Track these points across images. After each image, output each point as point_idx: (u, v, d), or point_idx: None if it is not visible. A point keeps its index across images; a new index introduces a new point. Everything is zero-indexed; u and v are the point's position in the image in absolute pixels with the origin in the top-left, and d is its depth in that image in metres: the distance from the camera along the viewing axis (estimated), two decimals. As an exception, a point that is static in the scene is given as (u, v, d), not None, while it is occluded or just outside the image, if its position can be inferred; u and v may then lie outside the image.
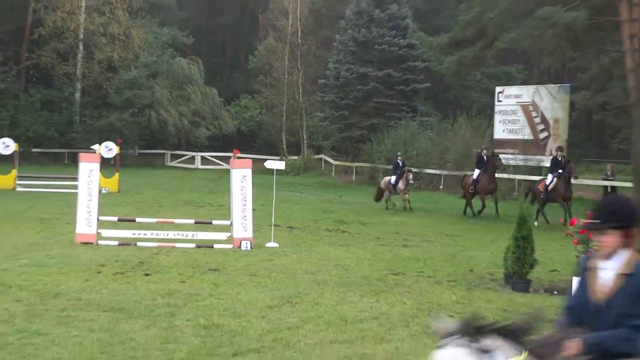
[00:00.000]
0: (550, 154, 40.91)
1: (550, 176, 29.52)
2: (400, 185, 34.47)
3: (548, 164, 40.63)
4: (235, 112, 68.31)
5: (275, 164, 25.52)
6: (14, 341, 11.26)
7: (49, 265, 17.70)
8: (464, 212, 33.16)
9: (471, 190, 33.10)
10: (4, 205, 30.70)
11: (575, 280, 16.09)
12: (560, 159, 29.83)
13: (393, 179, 35.06)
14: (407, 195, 34.69)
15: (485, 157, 33.82)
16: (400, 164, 35.97)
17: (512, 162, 42.06)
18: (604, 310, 5.45)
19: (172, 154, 66.67)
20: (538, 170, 40.99)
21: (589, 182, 40.90)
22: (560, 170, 29.23)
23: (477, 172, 33.34)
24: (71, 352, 10.81)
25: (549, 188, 28.92)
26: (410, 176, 35.09)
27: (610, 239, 5.45)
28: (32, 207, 30.42)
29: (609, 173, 39.19)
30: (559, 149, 33.18)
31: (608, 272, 5.52)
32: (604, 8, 37.06)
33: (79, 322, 12.51)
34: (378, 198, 36.06)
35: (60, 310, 13.39)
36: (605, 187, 38.05)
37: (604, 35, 39.70)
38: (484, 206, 32.56)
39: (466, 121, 48.02)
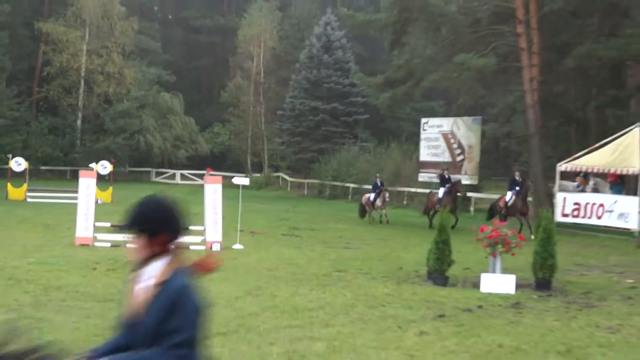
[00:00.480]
0: (465, 173, 41.25)
1: (509, 194, 27.58)
2: (378, 202, 32.37)
3: (464, 181, 40.94)
4: (209, 137, 68.27)
5: (241, 180, 25.39)
6: (22, 327, 11.04)
7: (52, 263, 17.58)
8: (430, 226, 29.88)
9: (438, 208, 29.93)
10: (15, 213, 30.45)
11: (484, 277, 16.14)
12: (518, 178, 27.98)
13: (372, 196, 33.02)
14: (384, 211, 32.83)
15: (447, 176, 32.20)
16: (379, 183, 33.74)
17: (434, 180, 42.23)
18: (142, 324, 4.14)
19: (156, 172, 66.50)
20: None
21: (495, 196, 41.09)
22: (517, 188, 27.49)
23: (442, 190, 30.90)
24: (70, 336, 10.66)
25: (509, 204, 27.24)
26: (387, 194, 33.17)
27: (137, 244, 4.27)
28: (39, 214, 30.14)
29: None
30: (517, 169, 31.05)
31: (145, 282, 4.26)
32: (509, 55, 37.52)
33: (77, 311, 12.42)
34: (362, 215, 33.77)
35: (61, 300, 13.30)
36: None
37: (508, 77, 40.15)
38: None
39: (397, 146, 48.21)
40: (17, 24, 62.28)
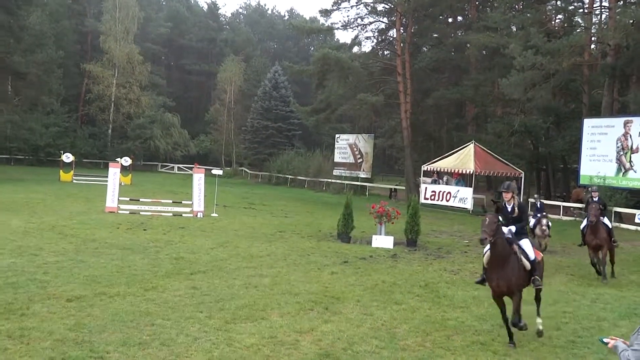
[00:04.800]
0: (363, 170, 41.43)
1: (585, 221, 19.93)
2: (537, 231, 15.82)
3: (362, 175, 41.11)
4: (197, 143, 66.85)
5: (217, 171, 25.03)
6: (67, 265, 10.91)
7: (89, 223, 17.11)
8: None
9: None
10: (66, 190, 29.48)
11: (374, 238, 16.01)
12: (594, 199, 21.81)
13: (532, 222, 16.12)
14: (546, 240, 15.94)
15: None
16: (539, 204, 17.41)
17: (344, 174, 42.31)
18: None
19: (161, 165, 64.89)
20: (357, 178, 41.25)
21: (382, 186, 41.48)
22: (588, 210, 20.07)
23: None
24: (99, 272, 10.47)
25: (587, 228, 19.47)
26: (544, 222, 15.80)
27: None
28: (81, 191, 29.24)
29: (396, 184, 39.71)
30: (594, 189, 24.50)
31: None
32: (392, 95, 37.90)
33: (105, 255, 12.14)
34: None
35: (95, 248, 12.96)
36: (391, 189, 38.53)
37: (392, 109, 40.54)
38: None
39: (320, 152, 48.00)
40: (69, 64, 60.46)
